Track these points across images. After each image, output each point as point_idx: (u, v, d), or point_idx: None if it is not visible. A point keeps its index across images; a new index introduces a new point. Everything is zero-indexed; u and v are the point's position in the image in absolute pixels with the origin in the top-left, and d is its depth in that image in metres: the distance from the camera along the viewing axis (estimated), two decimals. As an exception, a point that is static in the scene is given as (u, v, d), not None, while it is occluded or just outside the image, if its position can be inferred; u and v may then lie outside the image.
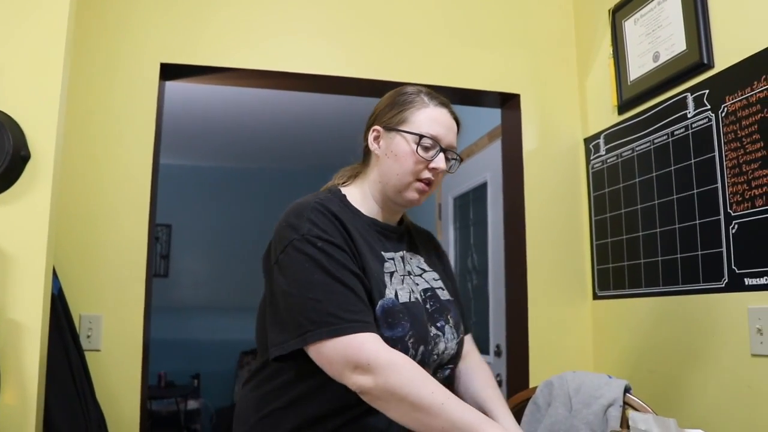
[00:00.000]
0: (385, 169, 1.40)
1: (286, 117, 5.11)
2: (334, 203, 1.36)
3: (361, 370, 1.17)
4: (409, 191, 1.38)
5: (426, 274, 1.46)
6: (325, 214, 1.29)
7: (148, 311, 2.18)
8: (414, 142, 1.36)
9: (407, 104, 1.40)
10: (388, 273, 1.35)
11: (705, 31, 1.93)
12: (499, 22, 2.61)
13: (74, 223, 2.09)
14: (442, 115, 1.40)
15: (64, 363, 1.81)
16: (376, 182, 1.42)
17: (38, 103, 1.75)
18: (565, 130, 2.59)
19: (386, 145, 1.40)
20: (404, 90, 1.45)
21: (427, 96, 1.42)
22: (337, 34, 2.45)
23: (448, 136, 1.40)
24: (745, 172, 1.76)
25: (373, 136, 1.43)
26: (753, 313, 1.72)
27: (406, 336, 1.27)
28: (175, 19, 2.29)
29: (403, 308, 1.30)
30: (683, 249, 1.99)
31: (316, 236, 1.25)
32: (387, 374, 1.16)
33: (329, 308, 1.20)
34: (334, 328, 1.19)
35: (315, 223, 1.27)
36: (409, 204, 1.41)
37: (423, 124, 1.37)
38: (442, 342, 1.36)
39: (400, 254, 1.43)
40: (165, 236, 6.43)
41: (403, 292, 1.33)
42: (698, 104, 1.95)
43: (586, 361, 2.45)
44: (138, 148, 2.20)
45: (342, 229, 1.29)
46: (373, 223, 1.42)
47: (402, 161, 1.37)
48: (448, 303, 1.44)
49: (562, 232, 2.53)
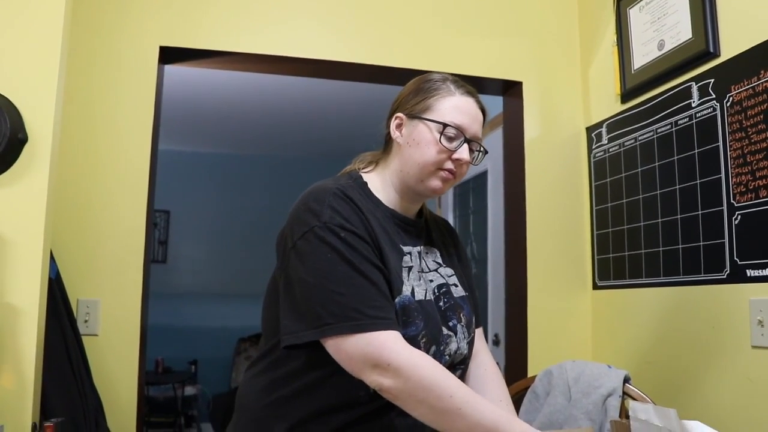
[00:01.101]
0: (406, 158, 1.35)
1: (287, 103, 5.07)
2: (354, 191, 1.32)
3: (381, 369, 1.15)
4: (431, 179, 1.33)
5: (441, 269, 1.42)
6: (348, 201, 1.25)
7: (146, 297, 2.17)
8: (437, 131, 1.31)
9: (432, 91, 1.35)
10: (406, 268, 1.31)
11: (712, 19, 1.91)
12: (502, 9, 2.58)
13: (72, 207, 2.08)
14: (467, 104, 1.35)
15: (62, 347, 1.80)
16: (397, 171, 1.37)
17: (36, 85, 1.73)
18: (567, 119, 2.58)
19: (408, 133, 1.35)
20: (429, 77, 1.39)
21: (454, 84, 1.37)
22: (339, 18, 2.42)
23: (473, 126, 1.34)
24: (750, 162, 1.74)
25: (395, 123, 1.38)
26: (754, 305, 1.71)
27: (419, 335, 1.24)
28: (175, 3, 2.27)
29: (418, 306, 1.27)
30: (685, 240, 1.98)
31: (339, 225, 1.21)
32: (407, 376, 1.14)
33: (352, 302, 1.17)
34: (356, 324, 1.16)
35: (337, 211, 1.23)
36: (432, 193, 1.36)
37: (447, 113, 1.32)
38: (453, 342, 1.32)
39: (418, 249, 1.38)
40: (163, 222, 6.42)
41: (419, 289, 1.30)
42: (703, 93, 1.93)
43: (585, 350, 2.45)
44: (137, 133, 2.18)
45: (365, 218, 1.26)
46: (393, 214, 1.37)
47: (424, 150, 1.32)
48: (461, 300, 1.40)
49: (562, 222, 2.52)
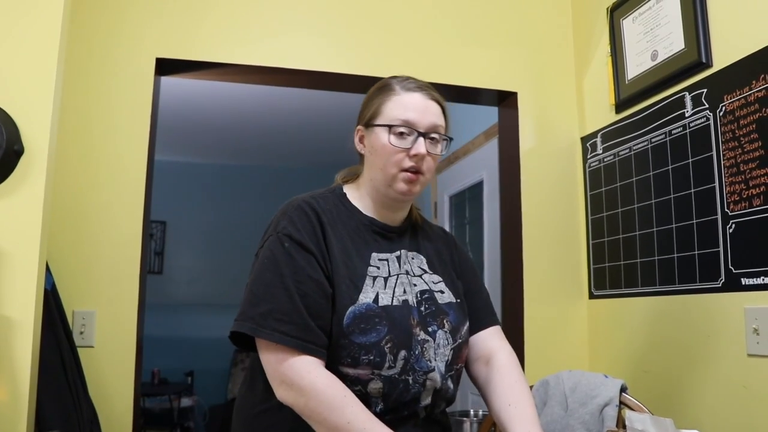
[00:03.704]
0: (371, 166, 1.39)
1: (282, 114, 5.09)
2: (328, 201, 1.37)
3: (286, 386, 1.21)
4: (397, 183, 1.35)
5: (426, 275, 1.42)
6: (307, 213, 1.31)
7: (142, 308, 2.16)
8: (387, 133, 1.34)
9: (378, 97, 1.39)
10: (372, 276, 1.32)
11: (704, 29, 1.93)
12: (496, 20, 2.60)
13: (68, 218, 2.08)
14: (413, 99, 1.36)
15: (57, 359, 1.79)
16: (369, 180, 1.41)
17: (32, 97, 1.73)
18: (562, 129, 2.59)
19: (368, 142, 1.39)
20: (377, 84, 1.44)
21: (398, 84, 1.39)
22: (334, 30, 2.43)
23: (425, 118, 1.35)
24: (743, 171, 1.75)
25: (358, 137, 1.43)
26: (750, 313, 1.72)
27: (382, 341, 1.25)
28: (171, 14, 2.28)
29: (381, 312, 1.27)
30: (680, 248, 1.99)
31: (287, 235, 1.28)
32: (307, 398, 1.19)
33: (273, 313, 1.22)
34: (270, 334, 1.22)
35: (292, 222, 1.30)
36: (402, 196, 1.38)
37: (393, 113, 1.35)
38: (431, 348, 1.32)
39: (396, 254, 1.40)
40: (159, 233, 6.41)
41: (385, 296, 1.30)
42: (696, 103, 1.95)
43: (582, 360, 2.45)
44: (133, 144, 2.18)
45: (320, 231, 1.30)
46: (371, 222, 1.40)
47: (381, 154, 1.35)
48: (446, 307, 1.39)
49: (558, 231, 2.52)
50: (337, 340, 1.25)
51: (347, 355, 1.24)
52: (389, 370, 1.25)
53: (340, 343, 1.25)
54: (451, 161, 3.93)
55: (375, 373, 1.25)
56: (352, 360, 1.24)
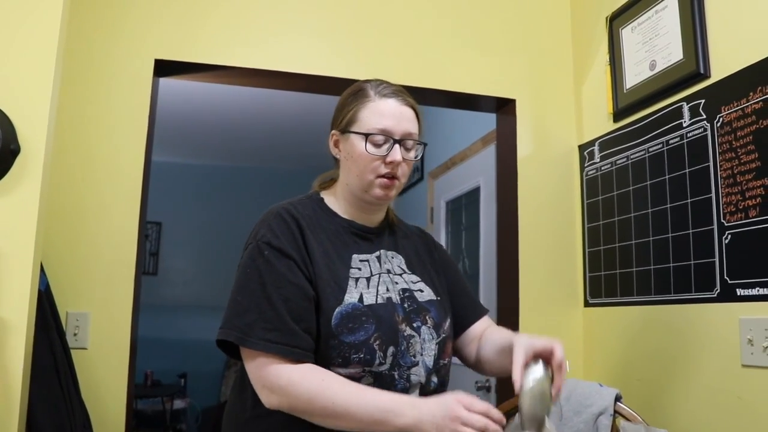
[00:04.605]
0: (347, 172, 1.41)
1: (279, 116, 5.09)
2: (307, 207, 1.40)
3: (269, 390, 1.24)
4: (373, 189, 1.38)
5: (405, 275, 1.45)
6: (286, 219, 1.33)
7: (137, 309, 2.16)
8: (364, 141, 1.36)
9: (353, 103, 1.40)
10: (354, 278, 1.34)
11: (702, 41, 1.93)
12: (496, 27, 2.60)
13: (64, 218, 2.07)
14: (388, 106, 1.38)
15: (50, 361, 1.79)
16: (345, 185, 1.43)
17: (30, 97, 1.73)
18: (559, 137, 2.59)
19: (344, 147, 1.41)
20: (351, 88, 1.45)
21: (373, 89, 1.40)
22: (333, 34, 2.43)
23: (400, 125, 1.37)
24: (740, 182, 1.76)
25: (332, 141, 1.45)
26: (744, 324, 1.72)
27: (370, 338, 1.28)
28: (170, 16, 2.28)
29: (367, 310, 1.30)
30: (676, 258, 1.99)
31: (267, 242, 1.30)
32: (288, 396, 1.22)
33: (259, 323, 1.24)
34: (256, 343, 1.23)
35: (272, 229, 1.32)
36: (378, 201, 1.41)
37: (370, 120, 1.36)
38: (417, 342, 1.34)
39: (377, 254, 1.43)
40: (155, 234, 6.40)
41: (369, 295, 1.33)
42: (694, 114, 1.95)
43: (577, 368, 2.45)
44: (130, 145, 2.18)
45: (300, 236, 1.32)
46: (349, 224, 1.43)
47: (358, 162, 1.37)
48: (427, 304, 1.42)
49: (554, 239, 2.52)
50: (326, 341, 1.27)
51: (338, 356, 1.26)
52: (380, 366, 1.28)
53: (330, 344, 1.27)
54: (449, 167, 3.93)
55: (366, 371, 1.27)
56: (343, 360, 1.26)
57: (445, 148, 4.00)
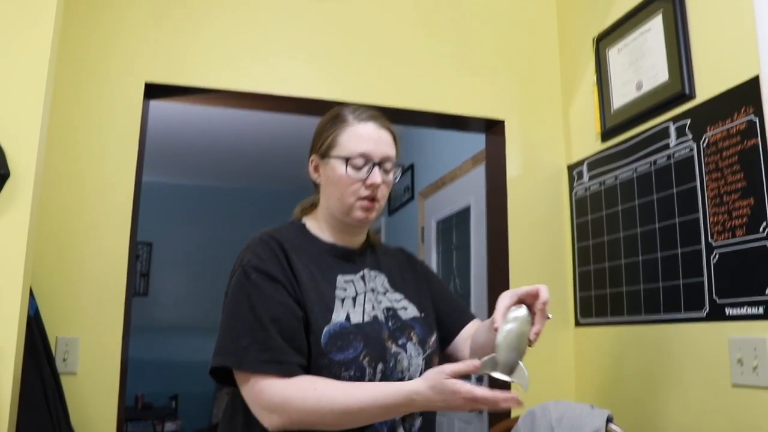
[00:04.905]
0: (328, 195, 1.45)
1: (270, 137, 5.10)
2: (290, 232, 1.43)
3: (268, 411, 1.24)
4: (354, 211, 1.41)
5: (389, 294, 1.48)
6: (270, 245, 1.36)
7: (127, 332, 2.14)
8: (344, 165, 1.39)
9: (332, 128, 1.44)
10: (340, 298, 1.36)
11: (687, 62, 1.96)
12: (484, 49, 2.63)
13: (54, 242, 2.06)
14: (367, 130, 1.42)
15: (38, 387, 1.77)
16: (326, 208, 1.46)
17: (20, 120, 1.73)
18: (548, 157, 2.61)
19: (324, 172, 1.45)
20: (329, 114, 1.48)
21: (351, 114, 1.44)
22: (322, 57, 2.45)
23: (379, 148, 1.41)
24: (726, 202, 1.77)
25: (312, 166, 1.49)
26: (734, 344, 1.72)
27: (360, 356, 1.30)
28: (160, 39, 2.29)
29: (354, 329, 1.32)
30: (665, 278, 2.00)
31: (254, 267, 1.32)
32: (288, 412, 1.22)
33: (253, 345, 1.25)
34: (253, 364, 1.25)
35: (257, 254, 1.34)
36: (359, 223, 1.43)
37: (350, 144, 1.40)
38: (404, 359, 1.37)
39: (360, 274, 1.45)
40: (146, 254, 6.37)
41: (355, 315, 1.35)
42: (680, 134, 1.97)
43: (568, 388, 2.45)
44: (121, 168, 2.18)
45: (284, 259, 1.34)
46: (332, 247, 1.46)
47: (339, 185, 1.40)
48: (411, 321, 1.45)
49: (544, 258, 2.53)
50: (317, 360, 1.28)
51: (329, 374, 1.28)
52: (371, 380, 1.30)
53: (320, 363, 1.28)
54: (439, 186, 3.94)
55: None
56: (334, 378, 1.28)
57: (436, 167, 4.01)
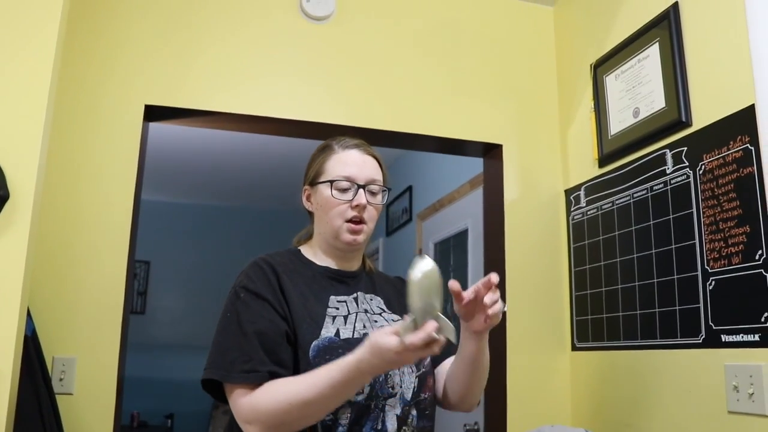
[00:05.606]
0: (319, 221, 1.52)
1: (267, 158, 5.11)
2: (284, 257, 1.49)
3: (246, 422, 1.29)
4: (342, 234, 1.47)
5: (385, 314, 1.51)
6: (262, 267, 1.42)
7: (124, 352, 2.14)
8: (329, 188, 1.46)
9: (319, 158, 1.53)
10: (331, 316, 1.41)
11: (683, 89, 1.98)
12: (483, 74, 2.65)
13: (52, 263, 2.07)
14: (350, 156, 1.50)
15: (35, 407, 1.77)
16: (319, 235, 1.53)
17: (19, 142, 1.74)
18: (546, 182, 2.62)
19: (315, 200, 1.53)
20: (318, 147, 1.58)
21: (337, 143, 1.53)
22: (322, 80, 2.47)
23: (363, 171, 1.48)
24: (722, 229, 1.78)
25: (305, 196, 1.56)
26: (730, 370, 1.73)
27: None
28: (160, 62, 2.31)
29: (343, 344, 1.35)
30: (661, 303, 2.00)
31: (244, 287, 1.39)
32: (263, 418, 1.26)
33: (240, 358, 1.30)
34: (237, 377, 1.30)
35: (249, 276, 1.41)
36: (349, 247, 1.49)
37: (335, 170, 1.48)
38: (396, 374, 1.39)
39: (354, 296, 1.50)
40: (143, 273, 6.36)
41: (345, 331, 1.39)
42: (677, 161, 1.98)
43: (564, 412, 2.44)
44: (120, 190, 2.19)
45: (275, 280, 1.40)
46: (326, 270, 1.51)
47: (326, 209, 1.48)
48: None
49: (541, 282, 2.54)
50: None
51: None
52: (358, 395, 1.33)
53: None
54: (437, 208, 3.96)
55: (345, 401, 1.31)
56: None
57: (434, 190, 4.03)
